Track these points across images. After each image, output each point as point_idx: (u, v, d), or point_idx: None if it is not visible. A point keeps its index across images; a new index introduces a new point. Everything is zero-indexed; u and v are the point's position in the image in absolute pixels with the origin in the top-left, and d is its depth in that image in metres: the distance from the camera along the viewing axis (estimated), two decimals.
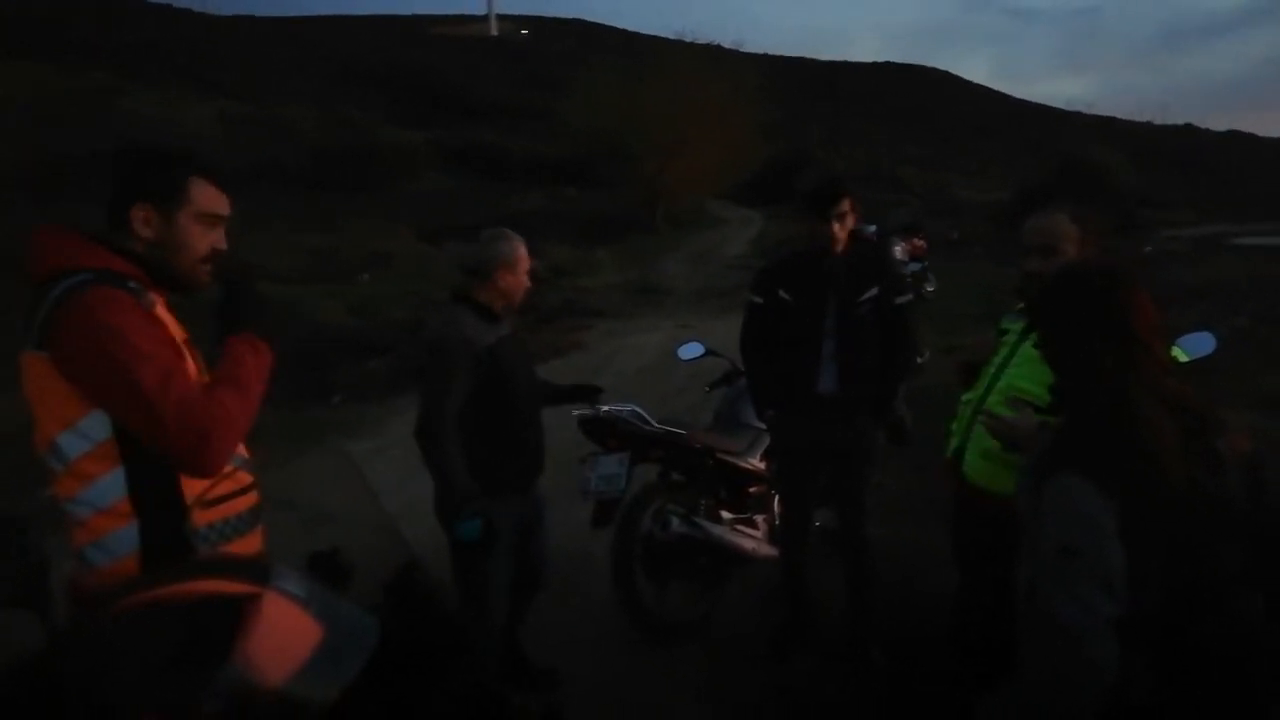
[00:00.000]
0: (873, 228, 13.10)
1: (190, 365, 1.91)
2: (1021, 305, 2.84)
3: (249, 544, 2.03)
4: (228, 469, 1.95)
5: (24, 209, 16.14)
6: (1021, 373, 2.68)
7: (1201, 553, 1.63)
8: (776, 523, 4.32)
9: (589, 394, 3.82)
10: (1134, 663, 1.59)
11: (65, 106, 25.66)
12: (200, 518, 1.89)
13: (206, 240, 1.99)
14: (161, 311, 1.93)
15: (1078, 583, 1.58)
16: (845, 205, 3.56)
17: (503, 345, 3.19)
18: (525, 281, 3.30)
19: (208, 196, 2.00)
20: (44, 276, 1.82)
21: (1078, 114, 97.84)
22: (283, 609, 1.06)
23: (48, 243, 1.87)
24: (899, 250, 13.52)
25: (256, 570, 1.10)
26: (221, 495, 1.94)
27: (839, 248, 3.60)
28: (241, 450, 2.03)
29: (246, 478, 2.04)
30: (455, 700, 1.20)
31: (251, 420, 1.88)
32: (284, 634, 1.04)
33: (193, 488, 1.88)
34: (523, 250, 3.28)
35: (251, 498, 2.05)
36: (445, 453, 3.05)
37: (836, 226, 3.55)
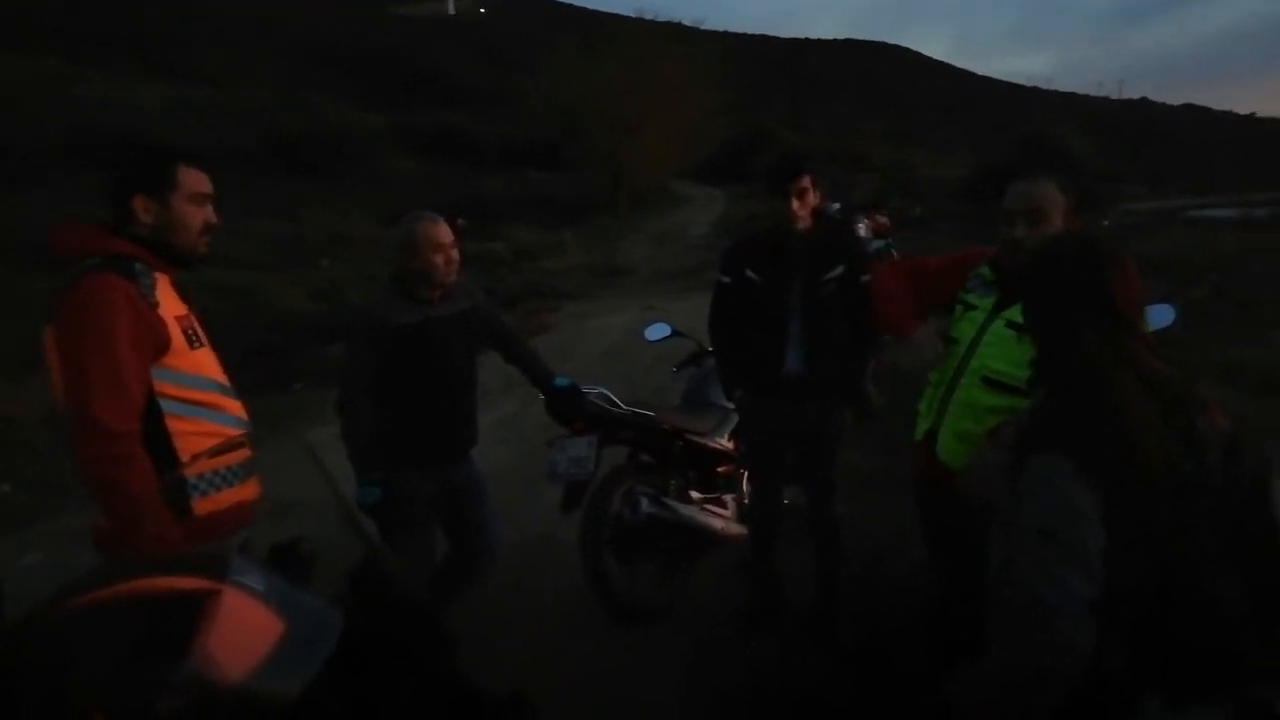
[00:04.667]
0: (836, 205, 13.15)
1: (178, 340, 2.23)
2: (989, 275, 2.80)
3: (244, 492, 2.38)
4: (217, 427, 2.30)
5: None
6: (995, 352, 2.64)
7: (1179, 533, 1.62)
8: (746, 502, 4.33)
9: (574, 401, 3.79)
10: (1110, 641, 1.58)
11: (17, 92, 25.07)
12: (191, 470, 2.23)
13: (199, 217, 2.33)
14: (163, 290, 2.25)
15: (1055, 564, 1.57)
16: (805, 182, 3.54)
17: (427, 325, 3.31)
18: (432, 262, 3.30)
19: (194, 179, 2.32)
20: (63, 261, 2.19)
21: (1037, 90, 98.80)
22: (242, 603, 1.03)
23: (63, 234, 2.24)
24: (863, 228, 13.58)
25: (214, 565, 1.07)
26: (210, 449, 2.27)
27: (802, 225, 3.58)
28: (236, 409, 2.39)
29: (236, 433, 2.37)
30: (422, 689, 1.18)
31: (122, 479, 2.08)
32: (244, 629, 1.01)
33: (188, 445, 2.23)
34: (425, 232, 3.30)
35: (243, 452, 2.39)
36: (349, 420, 3.27)
37: (796, 204, 3.53)
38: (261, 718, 1.00)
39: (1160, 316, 2.93)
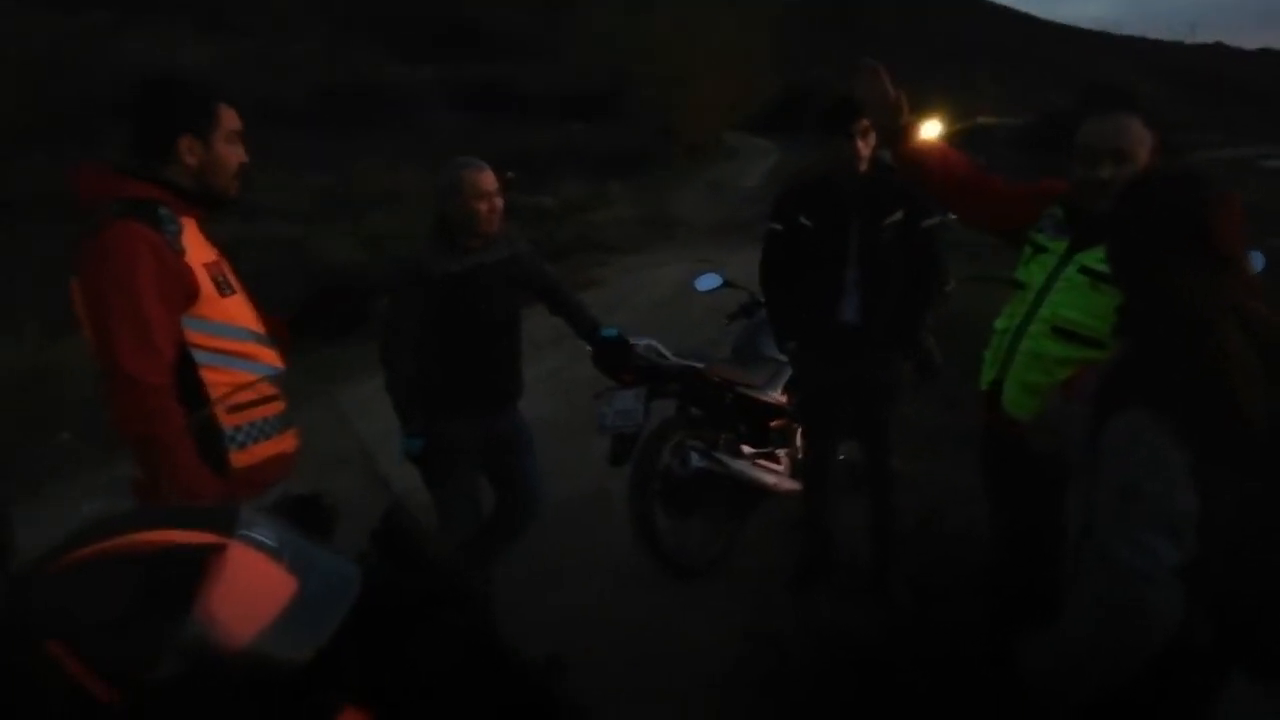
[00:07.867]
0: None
1: (208, 288, 2.15)
2: (1061, 215, 2.61)
3: (282, 444, 2.30)
4: (254, 378, 2.25)
5: (29, 153, 16.04)
6: (1067, 300, 2.45)
7: (1276, 498, 1.49)
8: (799, 457, 4.22)
9: (621, 352, 3.69)
10: (1195, 611, 1.46)
11: (62, 48, 25.31)
12: (228, 421, 2.16)
13: (235, 157, 2.28)
14: (190, 235, 2.17)
15: (1140, 527, 1.45)
16: (867, 121, 3.36)
17: (473, 273, 3.26)
18: (477, 208, 3.22)
19: (230, 117, 2.27)
20: (86, 208, 2.12)
21: (1105, 35, 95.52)
22: (250, 560, 0.95)
23: (84, 178, 2.18)
24: None
25: (221, 518, 0.99)
26: (245, 403, 2.20)
27: (863, 167, 3.43)
28: (271, 358, 2.32)
29: (270, 389, 2.29)
30: (447, 650, 1.09)
31: (161, 421, 2.04)
32: (251, 588, 0.93)
33: (216, 387, 2.16)
34: (470, 179, 3.23)
35: (276, 405, 2.31)
36: (392, 372, 3.26)
37: (860, 144, 3.38)
38: (270, 682, 0.92)
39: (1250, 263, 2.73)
